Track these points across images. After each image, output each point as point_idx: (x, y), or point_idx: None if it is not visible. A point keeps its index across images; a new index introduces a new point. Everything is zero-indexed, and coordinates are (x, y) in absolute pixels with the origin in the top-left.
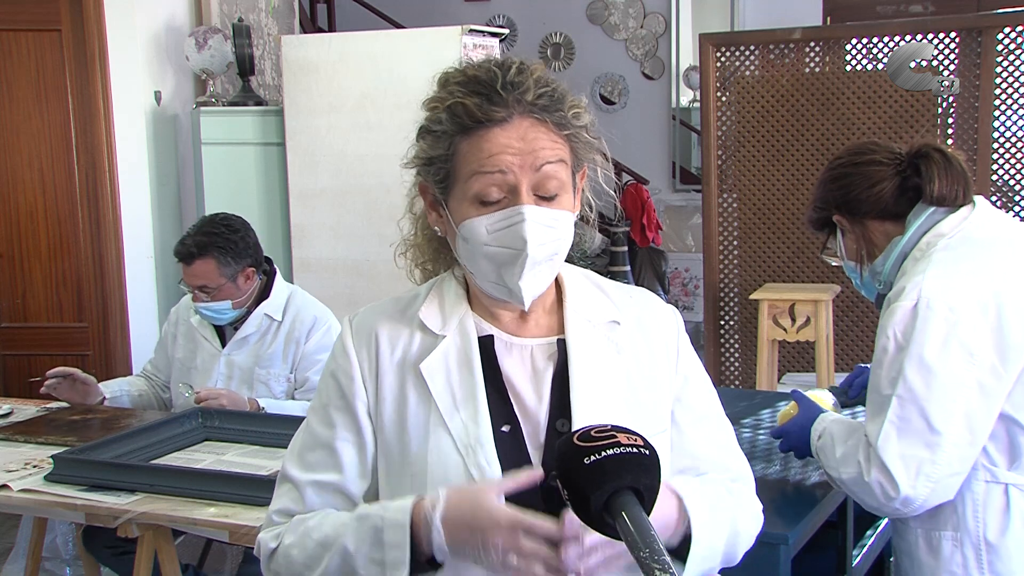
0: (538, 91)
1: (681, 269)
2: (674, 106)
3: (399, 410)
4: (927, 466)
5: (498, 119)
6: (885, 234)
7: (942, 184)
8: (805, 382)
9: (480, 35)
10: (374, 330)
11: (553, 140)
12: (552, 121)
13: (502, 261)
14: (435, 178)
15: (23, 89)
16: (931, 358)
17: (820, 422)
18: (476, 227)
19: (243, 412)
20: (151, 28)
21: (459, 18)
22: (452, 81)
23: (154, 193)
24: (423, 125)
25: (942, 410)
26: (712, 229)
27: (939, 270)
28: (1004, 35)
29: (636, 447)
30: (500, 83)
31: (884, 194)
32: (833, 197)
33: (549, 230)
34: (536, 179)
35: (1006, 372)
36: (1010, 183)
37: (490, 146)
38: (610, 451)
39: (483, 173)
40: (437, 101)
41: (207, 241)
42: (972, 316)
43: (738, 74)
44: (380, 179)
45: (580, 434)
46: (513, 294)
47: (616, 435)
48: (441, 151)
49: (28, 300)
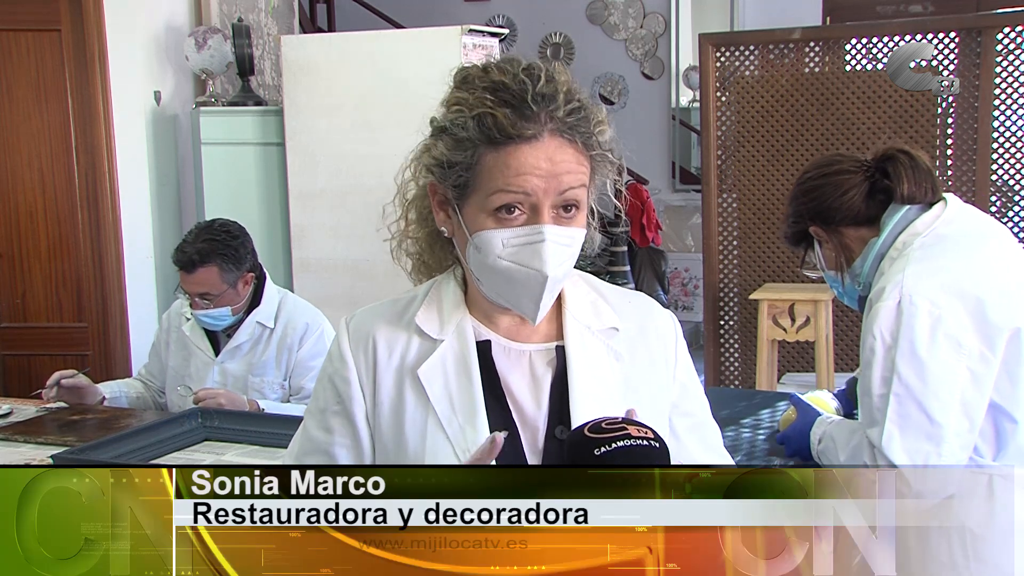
0: (568, 107)
1: (681, 269)
2: (674, 106)
3: (396, 415)
4: (933, 458)
5: (528, 136)
6: (861, 239)
7: (911, 183)
8: (805, 382)
9: (480, 35)
10: (371, 333)
11: (579, 162)
12: (580, 141)
13: (517, 279)
14: (452, 182)
15: (23, 89)
16: (922, 352)
17: (818, 426)
18: (492, 239)
19: (243, 412)
20: (151, 28)
21: (459, 18)
22: (478, 84)
23: (154, 193)
24: (443, 125)
25: (939, 402)
26: (712, 229)
27: (917, 267)
28: (1004, 35)
29: (647, 439)
30: (531, 95)
31: (855, 200)
32: (807, 210)
33: (566, 249)
34: (558, 200)
35: (994, 357)
36: (1010, 183)
37: (518, 165)
38: (621, 443)
39: (507, 192)
40: (462, 105)
41: (209, 248)
42: (954, 308)
43: (738, 74)
44: (380, 179)
45: (591, 425)
46: (523, 311)
47: (627, 427)
48: (463, 158)
49: (28, 300)
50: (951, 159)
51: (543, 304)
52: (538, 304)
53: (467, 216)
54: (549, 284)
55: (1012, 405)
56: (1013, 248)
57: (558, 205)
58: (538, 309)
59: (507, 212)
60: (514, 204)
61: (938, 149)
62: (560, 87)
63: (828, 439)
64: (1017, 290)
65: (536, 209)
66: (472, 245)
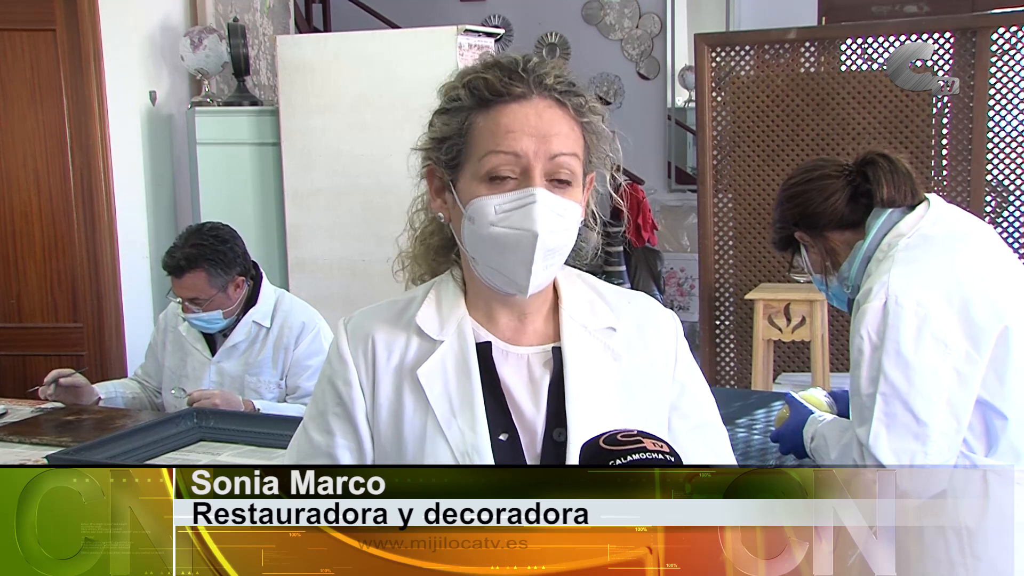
0: (558, 78)
1: (677, 269)
2: (670, 106)
3: (396, 416)
4: (919, 458)
5: (517, 94)
6: (846, 243)
7: (890, 187)
8: (800, 382)
9: (476, 35)
10: (370, 334)
11: (570, 127)
12: (571, 106)
13: (509, 244)
14: (446, 157)
15: (17, 89)
16: (908, 353)
17: (810, 424)
18: (485, 206)
19: (238, 412)
20: (146, 28)
21: (455, 18)
22: (471, 68)
23: (149, 193)
24: (438, 108)
25: (925, 402)
26: (707, 229)
27: (903, 268)
28: (998, 35)
29: (662, 453)
30: (521, 66)
31: (839, 204)
32: (792, 215)
33: (559, 218)
34: (549, 166)
35: (980, 357)
36: (1004, 183)
37: (508, 121)
38: (636, 455)
39: (497, 152)
40: (455, 81)
41: (196, 253)
42: (940, 308)
43: (733, 74)
44: (376, 179)
45: (606, 437)
46: (515, 282)
47: (643, 440)
48: (455, 127)
49: (23, 300)
50: (946, 159)
51: (535, 271)
52: (530, 269)
53: (461, 189)
54: (540, 246)
55: (1001, 402)
56: (995, 246)
57: (551, 174)
58: (530, 275)
59: (500, 180)
60: (505, 168)
61: (933, 149)
62: (553, 67)
63: (820, 437)
64: (1001, 289)
65: (527, 172)
66: (466, 218)
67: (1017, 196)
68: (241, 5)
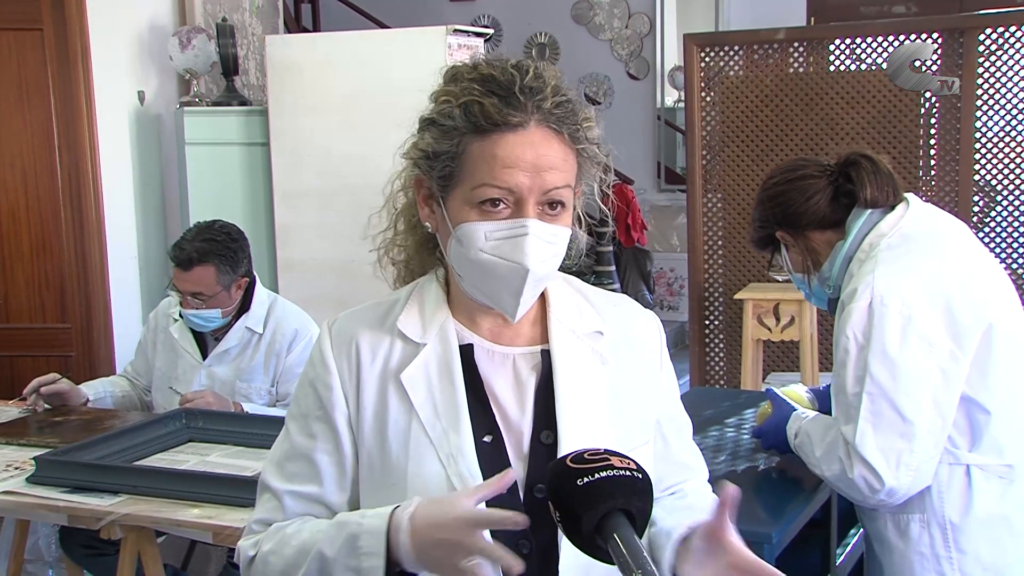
0: (555, 100)
1: (666, 269)
2: (659, 106)
3: (380, 420)
4: (906, 456)
5: (514, 124)
6: (827, 242)
7: (873, 188)
8: (790, 382)
9: (465, 35)
10: (354, 338)
11: (565, 157)
12: (568, 133)
13: (498, 273)
14: (437, 174)
15: (4, 88)
16: (893, 352)
17: (794, 421)
18: (475, 231)
19: (227, 413)
20: (134, 28)
21: (444, 18)
22: (465, 77)
23: (138, 193)
24: (430, 117)
25: (911, 400)
26: (697, 229)
27: (886, 268)
28: (986, 36)
29: (629, 470)
30: (518, 86)
31: (820, 204)
32: (773, 215)
33: (549, 246)
34: (543, 198)
35: (963, 355)
36: (992, 183)
37: (504, 155)
38: (603, 473)
39: (491, 186)
40: (449, 95)
41: (208, 248)
42: (924, 307)
43: (722, 74)
44: (365, 179)
45: (573, 456)
46: (502, 307)
47: (609, 458)
48: (449, 147)
49: (10, 301)
50: (934, 159)
51: (523, 300)
52: (518, 300)
53: (451, 209)
54: (530, 279)
55: (984, 397)
56: (972, 244)
57: (543, 202)
58: (518, 305)
59: (491, 205)
60: (499, 198)
61: (921, 150)
62: (548, 81)
63: (804, 434)
64: (982, 287)
65: (520, 204)
66: (454, 238)
67: (1004, 196)
68: (230, 5)
